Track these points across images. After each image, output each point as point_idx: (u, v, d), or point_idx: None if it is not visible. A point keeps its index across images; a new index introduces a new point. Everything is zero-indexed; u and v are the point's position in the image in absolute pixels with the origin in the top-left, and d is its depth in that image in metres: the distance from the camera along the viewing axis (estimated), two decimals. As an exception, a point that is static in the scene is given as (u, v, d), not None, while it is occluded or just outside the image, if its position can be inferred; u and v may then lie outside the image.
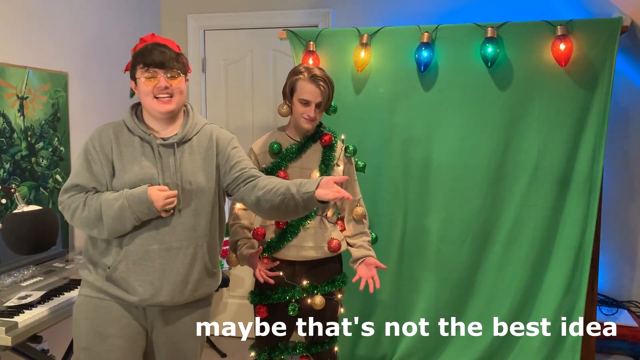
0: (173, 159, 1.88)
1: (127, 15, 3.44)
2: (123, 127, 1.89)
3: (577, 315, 2.86)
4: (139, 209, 1.79)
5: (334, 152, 2.37)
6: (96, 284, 1.87)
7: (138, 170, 1.85)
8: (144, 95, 1.85)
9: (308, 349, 2.42)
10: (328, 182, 1.78)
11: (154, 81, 1.82)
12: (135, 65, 1.85)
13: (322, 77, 2.25)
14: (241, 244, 2.33)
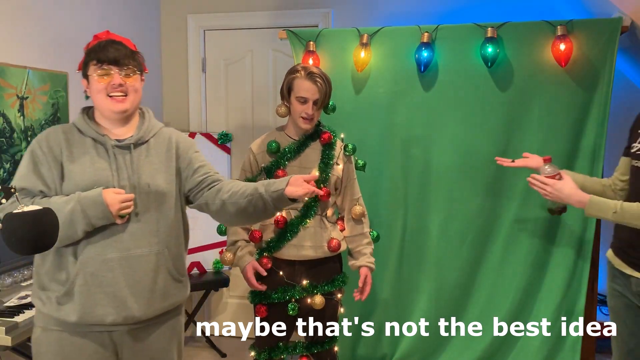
0: (129, 161, 1.76)
1: (127, 16, 3.44)
2: (73, 129, 1.77)
3: (577, 315, 2.87)
4: (92, 213, 1.64)
5: (334, 150, 2.37)
6: (53, 316, 1.70)
7: (91, 172, 1.72)
8: (96, 93, 1.73)
9: (308, 348, 2.42)
10: (297, 179, 1.73)
11: (107, 78, 1.71)
12: (88, 62, 1.73)
13: (318, 74, 2.26)
14: (241, 245, 2.33)
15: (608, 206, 1.92)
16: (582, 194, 1.98)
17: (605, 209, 1.92)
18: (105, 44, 1.74)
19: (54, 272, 1.71)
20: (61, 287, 1.69)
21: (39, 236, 1.39)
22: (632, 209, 1.89)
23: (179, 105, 3.84)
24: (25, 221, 1.36)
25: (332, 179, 2.34)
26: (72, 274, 1.68)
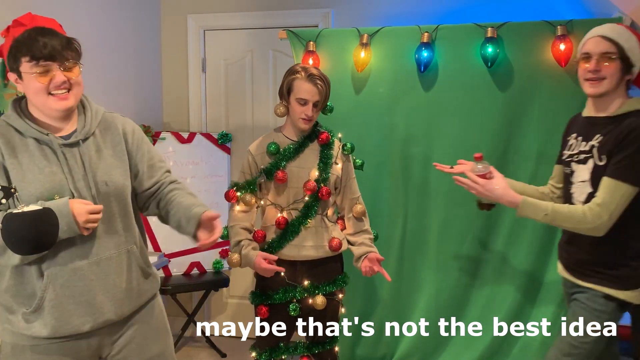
0: (81, 159, 1.63)
1: (127, 15, 3.44)
2: (9, 129, 1.59)
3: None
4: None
5: (332, 150, 2.37)
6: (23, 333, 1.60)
7: (43, 179, 1.57)
8: (35, 93, 1.56)
9: (309, 349, 2.42)
10: (209, 220, 1.73)
11: (48, 76, 1.54)
12: (19, 57, 1.54)
13: (319, 76, 2.26)
14: (245, 244, 2.33)
15: (540, 208, 1.94)
16: (514, 194, 1.99)
17: (537, 211, 1.94)
18: (36, 34, 1.54)
19: (16, 290, 1.60)
20: (27, 304, 1.59)
21: (38, 236, 1.38)
22: (562, 211, 1.92)
23: (179, 105, 3.84)
24: (25, 221, 1.36)
25: (331, 178, 2.35)
26: (39, 289, 1.58)
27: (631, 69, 1.94)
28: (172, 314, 3.93)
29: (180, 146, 3.62)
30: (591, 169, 1.95)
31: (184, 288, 3.48)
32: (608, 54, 1.92)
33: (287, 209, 2.33)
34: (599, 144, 1.93)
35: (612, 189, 1.85)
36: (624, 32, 1.95)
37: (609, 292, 1.95)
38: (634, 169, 1.84)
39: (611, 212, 1.85)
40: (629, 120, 1.89)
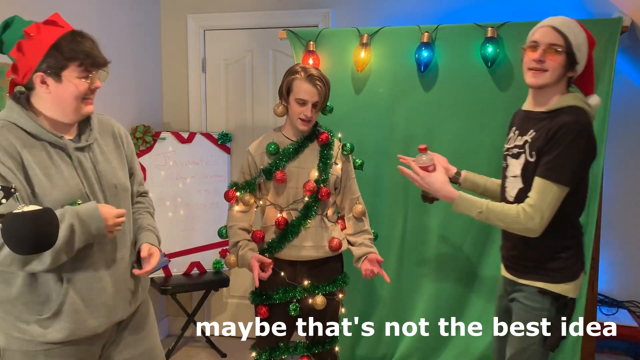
0: (91, 163, 1.65)
1: (127, 15, 3.44)
2: (20, 132, 1.55)
3: (577, 315, 2.86)
4: (87, 229, 1.54)
5: (332, 150, 2.37)
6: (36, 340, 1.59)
7: (64, 184, 1.58)
8: (70, 97, 1.57)
9: (309, 349, 2.42)
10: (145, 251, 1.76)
11: (88, 82, 1.59)
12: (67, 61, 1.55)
13: (318, 77, 2.25)
14: (242, 245, 2.33)
15: (475, 205, 1.91)
16: (451, 189, 1.97)
17: (471, 207, 1.92)
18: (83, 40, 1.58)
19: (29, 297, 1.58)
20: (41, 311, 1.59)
21: (39, 236, 1.38)
22: (496, 209, 1.89)
23: (179, 105, 3.84)
24: (25, 221, 1.36)
25: (331, 178, 2.35)
26: (57, 294, 1.59)
27: (575, 66, 1.90)
28: (172, 314, 3.94)
29: (180, 146, 3.62)
30: (522, 164, 1.92)
31: (184, 288, 3.48)
32: (555, 45, 1.87)
33: (287, 209, 2.33)
34: (531, 140, 1.90)
35: (544, 189, 1.82)
36: (575, 27, 1.90)
37: (542, 286, 1.93)
38: (564, 169, 1.81)
39: (543, 213, 1.82)
40: (560, 116, 1.84)
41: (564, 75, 1.91)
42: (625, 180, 3.38)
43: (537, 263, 1.95)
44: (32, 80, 1.56)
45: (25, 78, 1.56)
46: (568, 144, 1.79)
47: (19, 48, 1.54)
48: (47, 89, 1.56)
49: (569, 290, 1.93)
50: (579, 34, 1.90)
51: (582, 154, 1.83)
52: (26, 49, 1.54)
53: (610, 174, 3.28)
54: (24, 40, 1.54)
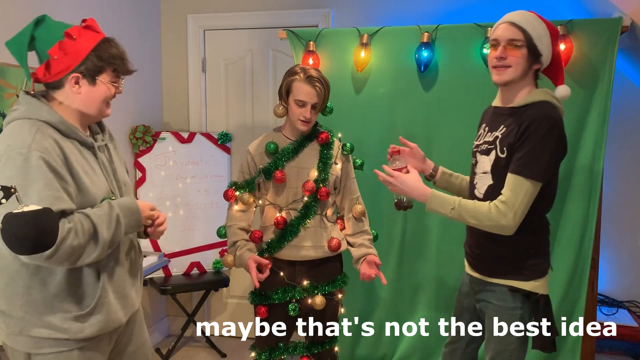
0: (108, 161, 1.74)
1: (127, 15, 3.44)
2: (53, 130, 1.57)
3: (577, 315, 2.87)
4: (128, 221, 1.63)
5: (332, 150, 2.37)
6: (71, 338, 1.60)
7: (98, 181, 1.64)
8: (99, 99, 1.64)
9: (308, 349, 2.42)
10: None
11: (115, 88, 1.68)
12: (105, 66, 1.63)
13: (318, 78, 2.24)
14: (240, 245, 2.33)
15: (447, 202, 1.88)
16: (425, 187, 1.95)
17: (444, 205, 1.89)
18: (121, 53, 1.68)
19: (69, 292, 1.60)
20: (82, 306, 1.62)
21: (39, 236, 1.38)
22: (467, 206, 1.86)
23: (179, 105, 3.84)
24: (25, 221, 1.35)
25: (331, 178, 2.34)
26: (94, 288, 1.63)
27: (539, 58, 1.87)
28: (172, 314, 3.94)
29: (180, 146, 3.62)
30: (493, 160, 1.90)
31: (184, 288, 3.48)
32: (514, 40, 1.85)
33: (286, 209, 2.33)
34: (501, 136, 1.88)
35: (516, 185, 1.79)
36: (533, 20, 1.88)
37: (513, 284, 1.90)
38: (536, 164, 1.78)
39: (516, 209, 1.78)
40: (529, 112, 1.82)
41: (529, 69, 1.89)
42: (625, 180, 3.38)
43: (506, 261, 1.92)
44: (64, 80, 1.59)
45: (57, 76, 1.58)
46: (539, 139, 1.77)
47: (61, 47, 1.57)
48: (77, 89, 1.61)
49: (539, 287, 1.91)
50: (538, 25, 1.87)
51: (553, 149, 1.81)
52: (68, 49, 1.57)
53: (610, 174, 3.28)
54: (66, 41, 1.57)
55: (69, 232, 1.50)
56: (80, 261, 1.55)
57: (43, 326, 1.59)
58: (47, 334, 1.59)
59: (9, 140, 1.51)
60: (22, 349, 1.60)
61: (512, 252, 1.91)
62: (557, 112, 1.87)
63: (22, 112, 1.57)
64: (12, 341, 1.61)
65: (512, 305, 1.91)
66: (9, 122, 1.58)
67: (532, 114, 1.82)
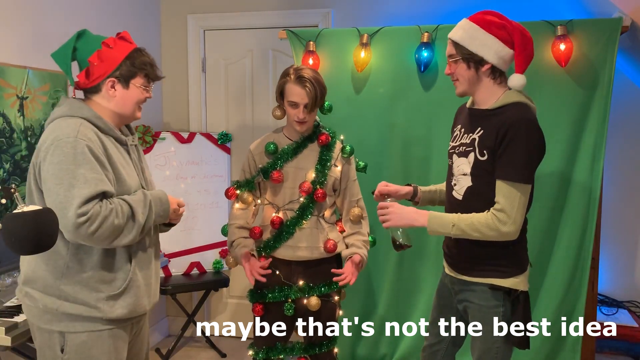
0: (138, 160, 1.91)
1: (127, 15, 3.44)
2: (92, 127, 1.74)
3: (577, 315, 2.87)
4: (157, 211, 1.80)
5: (332, 152, 2.37)
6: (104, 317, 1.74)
7: (133, 175, 1.83)
8: (132, 102, 1.82)
9: (306, 350, 2.42)
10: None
11: (148, 93, 1.86)
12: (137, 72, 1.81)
13: (308, 78, 2.21)
14: (236, 244, 2.35)
15: (447, 221, 1.90)
16: (421, 212, 1.95)
17: (444, 225, 1.90)
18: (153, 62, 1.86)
19: (101, 274, 1.74)
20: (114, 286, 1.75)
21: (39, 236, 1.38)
22: (467, 221, 1.86)
23: (179, 105, 3.84)
24: (26, 221, 1.36)
25: (329, 180, 2.34)
26: (125, 271, 1.76)
27: (482, 61, 1.87)
28: (172, 314, 3.94)
29: (180, 146, 3.62)
30: (472, 162, 1.91)
31: (184, 288, 3.48)
32: (450, 57, 1.92)
33: (283, 209, 2.33)
34: (479, 138, 1.89)
35: (510, 192, 1.80)
36: (463, 26, 1.90)
37: (493, 282, 1.92)
38: (523, 167, 1.80)
39: (514, 215, 1.80)
40: (505, 115, 1.83)
41: (478, 74, 1.89)
42: (625, 180, 3.38)
43: (485, 259, 1.93)
44: (101, 85, 1.78)
45: (96, 81, 1.78)
46: (521, 142, 1.79)
47: (99, 55, 1.76)
48: (113, 92, 1.79)
49: (519, 283, 1.92)
50: (469, 29, 1.88)
51: (535, 149, 1.83)
52: (105, 57, 1.77)
53: (610, 174, 3.28)
54: (103, 49, 1.77)
55: (111, 211, 1.65)
56: (117, 241, 1.69)
57: (79, 303, 1.71)
58: (82, 310, 1.71)
59: (56, 133, 1.67)
60: (57, 328, 1.72)
61: (490, 250, 1.91)
62: (532, 113, 1.88)
63: (65, 111, 1.74)
64: (47, 321, 1.73)
65: (493, 304, 1.92)
66: (52, 121, 1.74)
67: (509, 117, 1.82)
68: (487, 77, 1.90)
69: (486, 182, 1.87)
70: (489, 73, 1.89)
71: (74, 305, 1.71)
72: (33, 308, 1.75)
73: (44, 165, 1.65)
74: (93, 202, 1.62)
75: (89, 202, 1.62)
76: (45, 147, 1.66)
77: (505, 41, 1.87)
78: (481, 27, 1.88)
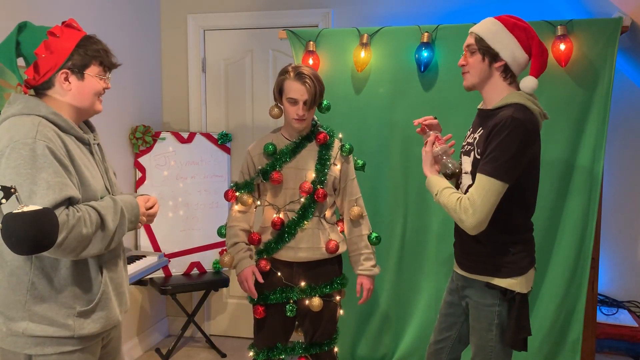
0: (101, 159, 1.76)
1: (127, 15, 3.44)
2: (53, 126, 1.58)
3: (577, 315, 2.87)
4: (129, 217, 1.66)
5: (330, 151, 2.37)
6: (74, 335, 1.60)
7: (97, 176, 1.68)
8: (90, 94, 1.66)
9: (307, 349, 2.42)
10: None
11: (104, 82, 1.71)
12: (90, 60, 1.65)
13: (308, 75, 2.23)
14: (242, 247, 2.35)
15: (434, 187, 1.96)
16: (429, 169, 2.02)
17: (432, 189, 1.98)
18: (105, 47, 1.71)
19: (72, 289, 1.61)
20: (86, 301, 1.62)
21: (39, 236, 1.38)
22: (444, 196, 1.92)
23: (179, 105, 3.84)
24: (25, 221, 1.36)
25: (329, 179, 2.34)
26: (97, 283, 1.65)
27: (497, 57, 1.92)
28: (172, 314, 3.94)
29: (180, 146, 3.62)
30: (472, 161, 1.97)
31: (184, 288, 3.48)
32: (468, 47, 1.97)
33: (284, 210, 2.32)
34: (478, 137, 1.95)
35: (479, 184, 1.84)
36: (488, 22, 1.95)
37: (489, 280, 1.95)
38: (498, 163, 1.82)
39: (477, 206, 1.82)
40: (500, 114, 1.87)
41: (489, 70, 1.94)
42: (625, 180, 3.38)
43: (485, 258, 1.97)
44: (53, 78, 1.62)
45: (46, 76, 1.61)
46: (502, 138, 1.81)
47: (47, 46, 1.60)
48: (68, 85, 1.63)
49: (516, 284, 1.94)
50: (492, 26, 1.93)
51: (515, 150, 1.81)
52: (54, 47, 1.60)
53: (610, 174, 3.28)
54: (50, 39, 1.60)
55: (79, 220, 1.51)
56: (86, 252, 1.55)
57: (47, 323, 1.57)
58: (51, 331, 1.57)
59: (11, 134, 1.51)
60: (23, 351, 1.58)
61: (491, 249, 1.96)
62: (527, 114, 1.87)
63: (20, 109, 1.57)
64: (11, 343, 1.58)
65: (489, 302, 1.96)
66: (5, 120, 1.58)
67: (501, 116, 1.86)
68: (498, 74, 1.94)
69: None
70: (501, 70, 1.94)
71: (42, 327, 1.57)
72: None
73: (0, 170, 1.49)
74: (59, 210, 1.47)
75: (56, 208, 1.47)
76: (0, 150, 1.49)
77: (523, 44, 1.92)
78: (504, 25, 1.93)
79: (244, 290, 2.35)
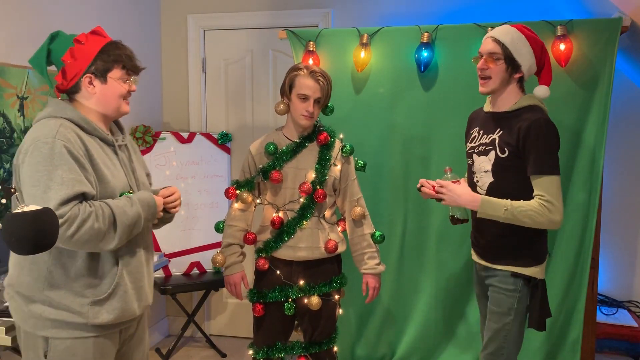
0: (128, 160, 1.85)
1: (127, 15, 3.44)
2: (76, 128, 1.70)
3: (577, 315, 2.87)
4: (146, 215, 1.74)
5: (331, 151, 2.37)
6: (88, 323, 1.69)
7: (119, 175, 1.77)
8: (114, 96, 1.76)
9: (306, 348, 2.42)
10: None
11: (128, 85, 1.79)
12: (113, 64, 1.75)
13: (321, 73, 2.28)
14: (236, 252, 2.37)
15: (500, 205, 2.02)
16: (474, 194, 2.08)
17: (497, 208, 2.02)
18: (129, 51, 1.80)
19: (86, 279, 1.69)
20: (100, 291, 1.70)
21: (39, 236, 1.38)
22: (519, 207, 2.00)
23: (179, 105, 3.84)
24: (26, 221, 1.36)
25: (329, 180, 2.34)
26: (112, 275, 1.72)
27: (519, 68, 2.07)
28: (172, 314, 3.94)
29: (180, 146, 3.62)
30: (493, 160, 2.08)
31: (184, 288, 3.48)
32: (493, 54, 2.06)
33: (283, 209, 2.33)
34: (499, 137, 2.07)
35: (547, 184, 1.99)
36: (512, 33, 2.06)
37: (515, 270, 2.08)
38: (552, 160, 2.01)
39: (557, 204, 1.99)
40: (525, 116, 2.03)
41: (510, 79, 2.09)
42: (625, 180, 3.38)
43: (511, 250, 2.10)
44: (80, 83, 1.74)
45: (73, 81, 1.73)
46: (544, 139, 1.99)
47: (72, 53, 1.71)
48: (93, 89, 1.74)
49: (538, 272, 2.10)
50: (518, 39, 2.06)
51: (556, 145, 2.04)
52: (77, 54, 1.71)
53: (610, 174, 3.28)
54: (75, 47, 1.72)
55: (90, 214, 1.60)
56: (101, 245, 1.64)
57: (63, 309, 1.67)
58: (66, 316, 1.67)
59: (35, 134, 1.64)
60: (41, 333, 1.68)
61: (513, 241, 2.09)
62: (546, 113, 2.08)
63: (49, 112, 1.70)
64: (32, 325, 1.69)
65: (512, 288, 2.09)
66: (37, 121, 1.71)
67: (529, 118, 2.01)
68: (515, 82, 2.11)
69: (506, 177, 2.07)
70: (518, 79, 2.10)
71: (58, 311, 1.68)
72: (18, 311, 1.72)
73: (23, 167, 1.62)
74: (71, 204, 1.57)
75: (67, 204, 1.57)
76: (25, 149, 1.63)
77: (537, 58, 2.11)
78: (527, 40, 2.07)
79: (230, 293, 2.41)
